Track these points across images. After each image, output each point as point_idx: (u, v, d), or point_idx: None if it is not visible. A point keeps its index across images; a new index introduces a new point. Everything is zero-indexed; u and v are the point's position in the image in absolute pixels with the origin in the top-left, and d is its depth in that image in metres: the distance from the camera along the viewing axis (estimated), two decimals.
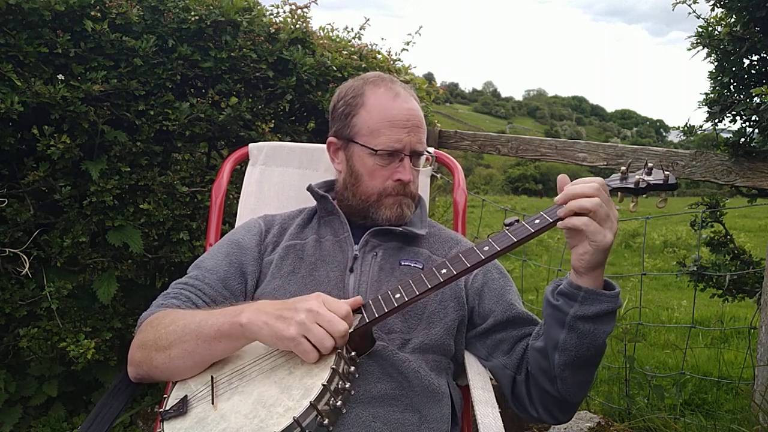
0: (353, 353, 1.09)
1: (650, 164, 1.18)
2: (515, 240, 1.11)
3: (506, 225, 1.14)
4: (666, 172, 1.16)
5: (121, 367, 1.25)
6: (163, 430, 1.06)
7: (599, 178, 1.11)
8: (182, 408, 1.08)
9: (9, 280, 2.25)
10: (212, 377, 1.11)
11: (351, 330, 1.11)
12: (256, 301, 1.13)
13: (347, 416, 1.11)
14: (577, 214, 1.06)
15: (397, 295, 1.12)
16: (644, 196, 1.18)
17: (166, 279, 2.69)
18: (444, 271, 1.12)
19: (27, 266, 2.18)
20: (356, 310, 1.14)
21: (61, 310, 2.29)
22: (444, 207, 4.20)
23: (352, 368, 1.07)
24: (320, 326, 1.02)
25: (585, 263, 1.08)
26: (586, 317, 1.09)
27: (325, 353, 1.03)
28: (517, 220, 1.14)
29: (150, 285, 2.70)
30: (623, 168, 1.18)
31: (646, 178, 1.17)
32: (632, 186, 1.16)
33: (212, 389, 1.09)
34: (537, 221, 1.11)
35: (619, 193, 1.18)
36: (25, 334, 2.24)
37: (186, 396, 1.10)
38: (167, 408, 1.09)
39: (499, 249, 1.11)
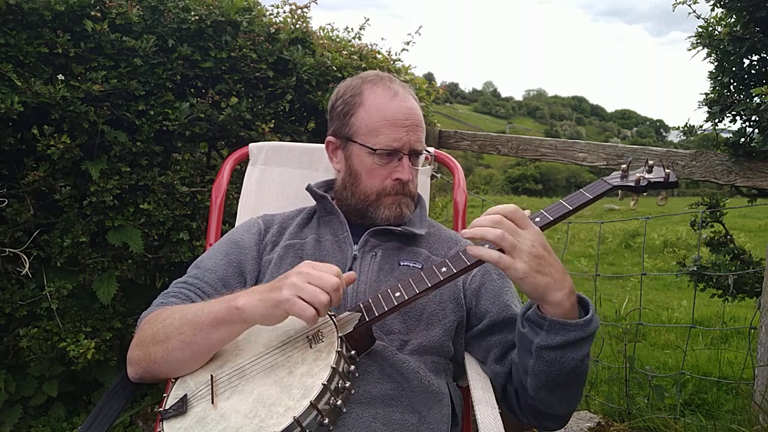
0: (353, 352, 1.09)
1: (651, 162, 1.18)
2: None
3: None
4: (667, 170, 1.16)
5: (121, 367, 1.25)
6: (162, 429, 1.05)
7: (497, 208, 1.05)
8: (182, 407, 1.08)
9: (9, 280, 2.25)
10: (212, 376, 1.11)
11: (351, 329, 1.11)
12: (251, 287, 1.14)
13: (347, 417, 1.10)
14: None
15: (397, 294, 1.12)
16: (644, 194, 1.18)
17: (166, 279, 2.69)
18: (444, 269, 1.12)
19: (27, 266, 2.18)
20: (355, 309, 1.14)
21: (61, 310, 2.29)
22: (443, 207, 4.20)
23: (352, 367, 1.07)
24: (312, 284, 1.03)
25: (527, 295, 1.05)
26: (551, 347, 1.06)
27: (321, 309, 1.02)
28: None
29: (150, 285, 2.70)
30: (624, 166, 1.18)
31: (647, 175, 1.16)
32: (632, 184, 1.15)
33: (212, 388, 1.09)
34: (537, 219, 1.11)
35: (619, 191, 1.17)
36: (25, 334, 2.24)
37: (186, 395, 1.10)
38: (167, 407, 1.09)
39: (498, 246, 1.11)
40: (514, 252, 1.02)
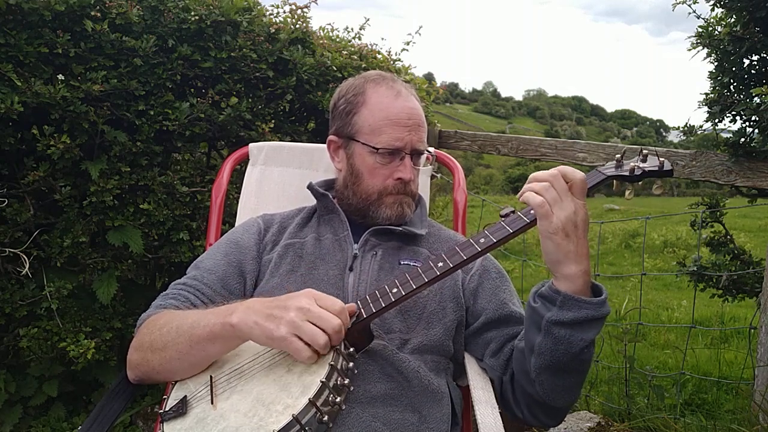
0: (351, 349, 1.09)
1: (645, 151, 1.17)
2: (511, 231, 1.10)
3: (502, 216, 1.13)
4: (661, 159, 1.15)
5: (121, 367, 1.25)
6: (163, 431, 1.05)
7: (563, 167, 1.10)
8: (182, 408, 1.07)
9: (9, 280, 2.25)
10: (211, 377, 1.11)
11: (348, 326, 1.10)
12: (247, 300, 1.12)
13: (347, 416, 1.10)
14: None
15: (394, 290, 1.12)
16: (639, 183, 1.17)
17: (166, 279, 2.69)
18: (440, 264, 1.11)
19: (27, 266, 2.18)
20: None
21: (61, 310, 2.29)
22: (444, 207, 4.20)
23: (351, 364, 1.07)
24: (312, 323, 1.00)
25: (545, 256, 1.07)
26: (561, 323, 1.06)
27: (320, 350, 1.01)
28: (513, 211, 1.13)
29: (150, 285, 2.70)
30: (618, 156, 1.17)
31: (641, 165, 1.15)
32: (627, 173, 1.15)
33: (211, 389, 1.09)
34: (532, 211, 1.10)
35: (614, 181, 1.16)
36: (25, 334, 2.24)
37: (185, 396, 1.10)
38: (167, 409, 1.09)
39: (495, 240, 1.11)
40: (554, 207, 1.05)
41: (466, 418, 1.40)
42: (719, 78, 2.20)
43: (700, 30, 2.19)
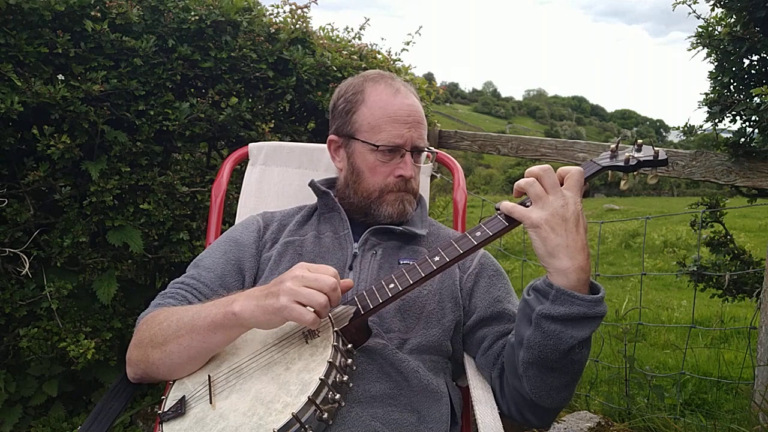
0: (350, 345, 1.09)
1: (639, 141, 1.18)
2: (507, 224, 1.11)
3: (498, 210, 1.14)
4: (656, 148, 1.15)
5: (121, 367, 1.25)
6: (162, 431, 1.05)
7: (571, 168, 1.10)
8: (180, 409, 1.07)
9: (9, 280, 2.25)
10: (209, 376, 1.11)
11: (346, 323, 1.10)
12: (246, 289, 1.13)
13: (346, 415, 1.10)
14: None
15: (391, 285, 1.12)
16: (634, 173, 1.17)
17: (166, 279, 2.69)
18: (437, 258, 1.11)
19: (27, 266, 2.18)
20: (350, 302, 1.14)
21: (61, 310, 2.29)
22: (444, 207, 4.21)
23: (349, 360, 1.07)
24: (308, 287, 1.02)
25: (534, 250, 1.07)
26: (552, 317, 1.05)
27: (321, 311, 1.02)
28: None
29: (150, 285, 2.70)
30: (612, 146, 1.18)
31: (636, 155, 1.16)
32: (622, 163, 1.15)
33: (210, 388, 1.09)
34: (528, 204, 1.10)
35: (609, 172, 1.17)
36: (25, 334, 2.24)
37: (184, 396, 1.10)
38: (166, 409, 1.08)
39: (491, 234, 1.11)
40: (538, 202, 1.06)
41: (465, 417, 1.39)
42: (719, 78, 2.20)
43: (700, 30, 2.19)
